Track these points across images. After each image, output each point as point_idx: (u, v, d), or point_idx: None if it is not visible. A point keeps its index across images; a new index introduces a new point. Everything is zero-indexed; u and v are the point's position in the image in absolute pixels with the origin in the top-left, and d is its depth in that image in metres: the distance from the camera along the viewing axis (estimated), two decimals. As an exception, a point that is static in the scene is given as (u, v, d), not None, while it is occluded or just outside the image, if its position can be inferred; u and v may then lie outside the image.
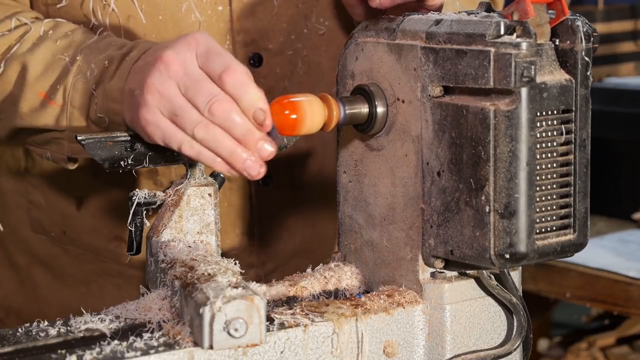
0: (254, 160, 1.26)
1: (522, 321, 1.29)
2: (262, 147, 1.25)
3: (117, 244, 1.69)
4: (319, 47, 1.64)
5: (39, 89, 1.44)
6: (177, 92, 1.26)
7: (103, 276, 1.72)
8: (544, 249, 1.20)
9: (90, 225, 1.69)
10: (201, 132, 1.25)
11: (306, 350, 1.21)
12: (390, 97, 1.30)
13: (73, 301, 1.74)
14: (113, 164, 1.31)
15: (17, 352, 1.18)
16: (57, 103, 1.43)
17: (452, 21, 1.23)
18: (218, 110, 1.24)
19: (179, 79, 1.26)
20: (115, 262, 1.70)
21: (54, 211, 1.72)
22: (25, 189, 1.74)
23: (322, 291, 1.35)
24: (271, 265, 1.71)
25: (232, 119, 1.24)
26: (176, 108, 1.26)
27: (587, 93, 1.22)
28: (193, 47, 1.26)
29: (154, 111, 1.27)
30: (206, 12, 1.55)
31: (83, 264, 1.72)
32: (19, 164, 1.74)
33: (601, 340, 3.02)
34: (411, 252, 1.30)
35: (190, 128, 1.25)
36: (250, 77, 1.26)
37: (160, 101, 1.26)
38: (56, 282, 1.75)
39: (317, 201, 1.74)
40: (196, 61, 1.26)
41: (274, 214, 1.70)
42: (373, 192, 1.35)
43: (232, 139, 1.25)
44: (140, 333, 1.18)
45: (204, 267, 1.21)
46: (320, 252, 1.75)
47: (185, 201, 1.33)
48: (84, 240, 1.71)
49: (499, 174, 1.18)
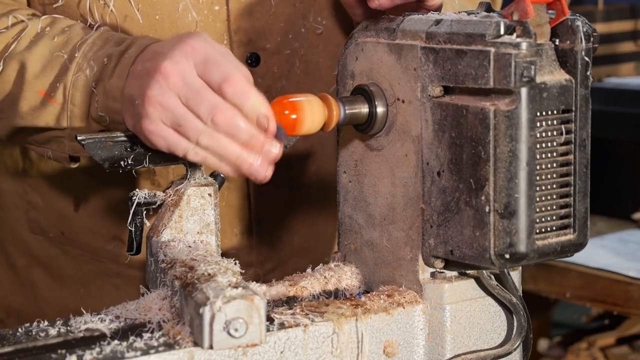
0: (261, 164, 1.27)
1: (522, 321, 1.29)
2: (268, 150, 1.27)
3: (115, 244, 1.68)
4: (316, 46, 1.64)
5: (39, 87, 1.43)
6: (178, 103, 1.27)
7: (101, 277, 1.72)
8: (544, 249, 1.20)
9: (88, 225, 1.69)
10: (205, 140, 1.26)
11: (306, 350, 1.21)
12: (390, 97, 1.30)
13: (72, 302, 1.73)
14: (113, 164, 1.31)
15: (17, 352, 1.18)
16: (58, 101, 1.42)
17: (452, 21, 1.23)
18: (221, 119, 1.25)
19: (178, 89, 1.26)
20: (114, 262, 1.69)
21: (52, 212, 1.71)
22: (23, 190, 1.74)
23: (322, 291, 1.35)
24: (270, 265, 1.71)
25: (236, 127, 1.25)
26: (179, 118, 1.26)
27: (587, 93, 1.22)
28: (190, 56, 1.27)
29: (157, 122, 1.27)
30: (203, 12, 1.55)
31: (81, 265, 1.72)
32: (17, 164, 1.73)
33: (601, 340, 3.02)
34: (411, 252, 1.30)
35: (194, 137, 1.26)
36: (251, 82, 1.26)
37: (162, 113, 1.27)
38: (55, 282, 1.75)
39: (316, 201, 1.73)
40: (195, 71, 1.27)
41: (273, 214, 1.70)
42: (373, 192, 1.35)
43: (237, 144, 1.26)
44: (140, 333, 1.18)
45: (204, 267, 1.21)
46: (319, 251, 1.75)
47: (185, 201, 1.33)
48: (82, 241, 1.70)
49: (499, 174, 1.18)
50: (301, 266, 1.41)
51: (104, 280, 1.72)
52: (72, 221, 1.70)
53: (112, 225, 1.67)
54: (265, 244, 1.70)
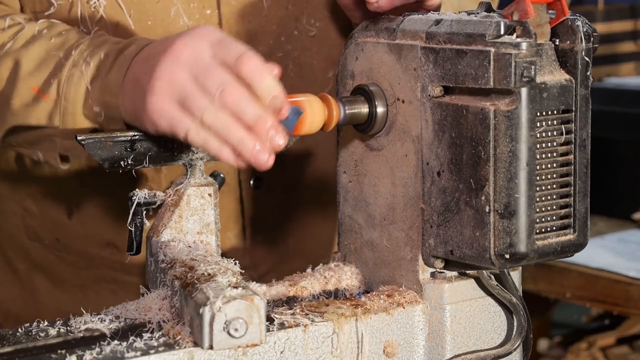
0: (263, 150, 1.22)
1: (522, 321, 1.29)
2: (272, 137, 1.22)
3: (110, 250, 1.67)
4: (309, 48, 1.63)
5: (32, 84, 1.42)
6: (187, 79, 1.24)
7: (99, 282, 1.71)
8: (544, 249, 1.20)
9: (82, 232, 1.68)
10: (210, 117, 1.22)
11: (306, 350, 1.21)
12: (390, 97, 1.30)
13: (70, 307, 1.72)
14: (113, 164, 1.31)
15: (17, 352, 1.18)
16: (51, 97, 1.41)
17: (452, 21, 1.23)
18: (229, 95, 1.21)
19: (189, 66, 1.24)
20: (110, 268, 1.69)
21: (46, 219, 1.70)
22: (19, 197, 1.73)
23: (322, 291, 1.35)
24: (264, 268, 1.70)
25: (245, 104, 1.21)
26: (186, 93, 1.23)
27: (587, 93, 1.22)
28: (204, 37, 1.25)
29: (162, 97, 1.25)
30: (194, 16, 1.54)
31: (78, 271, 1.71)
32: (13, 170, 1.73)
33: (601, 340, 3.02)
34: (411, 252, 1.30)
35: (199, 113, 1.22)
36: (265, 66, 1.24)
37: (170, 87, 1.24)
38: (55, 288, 1.75)
39: (310, 203, 1.73)
40: (208, 50, 1.24)
41: (266, 217, 1.69)
42: (373, 192, 1.35)
43: (242, 126, 1.22)
44: (140, 333, 1.18)
45: (204, 267, 1.21)
46: (314, 254, 1.74)
47: (185, 201, 1.33)
48: (77, 248, 1.70)
49: (499, 174, 1.18)
50: (296, 269, 1.40)
51: (101, 285, 1.71)
52: (66, 228, 1.69)
53: (106, 232, 1.66)
54: (259, 247, 1.69)
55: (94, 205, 1.66)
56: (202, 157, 1.34)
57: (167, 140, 1.32)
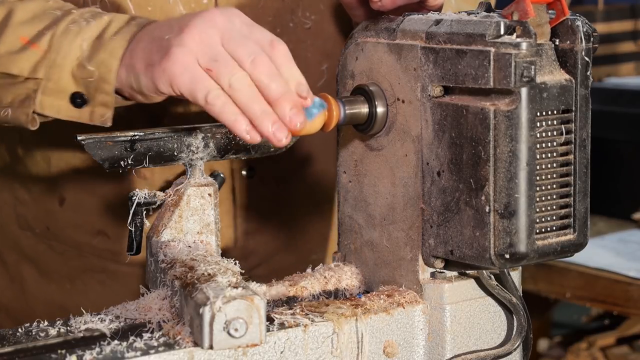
0: (282, 126, 1.20)
1: (522, 321, 1.29)
2: (293, 115, 1.20)
3: (99, 239, 1.68)
4: (304, 41, 1.63)
5: (21, 34, 1.38)
6: (219, 42, 1.21)
7: (87, 272, 1.71)
8: (544, 249, 1.20)
9: (73, 220, 1.68)
10: (238, 82, 1.19)
11: (306, 350, 1.21)
12: (390, 97, 1.30)
13: (58, 297, 1.73)
14: (113, 164, 1.31)
15: (17, 352, 1.18)
16: (40, 48, 1.36)
17: (452, 21, 1.23)
18: (260, 65, 1.19)
19: (222, 31, 1.21)
20: (98, 257, 1.69)
21: (38, 207, 1.71)
22: (11, 186, 1.73)
23: (322, 291, 1.35)
24: (254, 260, 1.70)
25: (272, 77, 1.19)
26: (216, 55, 1.20)
27: (587, 93, 1.22)
28: (238, 13, 1.23)
29: (188, 54, 1.21)
30: (190, 5, 1.54)
31: (67, 260, 1.72)
32: (4, 160, 1.73)
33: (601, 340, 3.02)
34: (411, 252, 1.30)
35: (226, 77, 1.19)
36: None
37: (199, 45, 1.21)
38: (42, 278, 1.75)
39: (302, 196, 1.72)
40: (240, 24, 1.22)
41: (258, 208, 1.68)
42: (373, 192, 1.35)
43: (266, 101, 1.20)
44: (140, 333, 1.18)
45: (204, 267, 1.21)
46: (306, 248, 1.74)
47: (185, 201, 1.33)
48: (66, 236, 1.70)
49: (499, 174, 1.18)
50: (287, 262, 1.40)
51: (89, 276, 1.71)
52: (57, 216, 1.69)
53: (96, 220, 1.67)
54: (250, 239, 1.69)
55: (86, 193, 1.66)
56: (202, 157, 1.34)
57: (167, 140, 1.32)
